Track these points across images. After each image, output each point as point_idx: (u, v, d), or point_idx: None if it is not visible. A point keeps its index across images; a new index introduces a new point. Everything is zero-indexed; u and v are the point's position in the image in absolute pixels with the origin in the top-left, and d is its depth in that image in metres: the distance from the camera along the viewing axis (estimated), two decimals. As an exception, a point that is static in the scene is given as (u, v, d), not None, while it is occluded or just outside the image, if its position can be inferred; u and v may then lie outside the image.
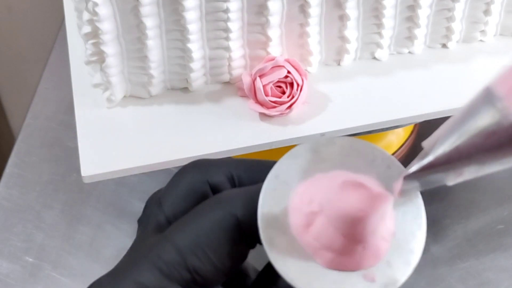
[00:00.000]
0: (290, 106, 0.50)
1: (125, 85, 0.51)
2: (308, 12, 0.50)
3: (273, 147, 0.49)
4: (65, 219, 0.63)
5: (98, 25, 0.47)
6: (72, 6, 0.53)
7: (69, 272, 0.60)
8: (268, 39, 0.50)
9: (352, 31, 0.52)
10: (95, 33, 0.48)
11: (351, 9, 0.51)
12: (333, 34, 0.52)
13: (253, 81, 0.50)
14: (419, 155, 0.30)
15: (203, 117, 0.51)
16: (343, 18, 0.51)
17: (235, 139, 0.49)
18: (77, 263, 0.61)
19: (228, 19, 0.49)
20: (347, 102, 0.52)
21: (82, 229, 0.63)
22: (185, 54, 0.50)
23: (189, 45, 0.49)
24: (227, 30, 0.49)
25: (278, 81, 0.50)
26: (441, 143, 0.29)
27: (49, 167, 0.67)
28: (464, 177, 0.30)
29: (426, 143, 0.30)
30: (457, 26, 0.54)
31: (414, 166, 0.30)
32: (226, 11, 0.48)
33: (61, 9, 0.58)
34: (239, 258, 0.32)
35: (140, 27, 0.48)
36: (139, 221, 0.35)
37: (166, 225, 0.33)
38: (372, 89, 0.52)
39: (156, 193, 0.35)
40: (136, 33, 0.49)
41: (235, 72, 0.52)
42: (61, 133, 0.70)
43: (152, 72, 0.50)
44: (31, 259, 0.61)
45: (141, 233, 0.34)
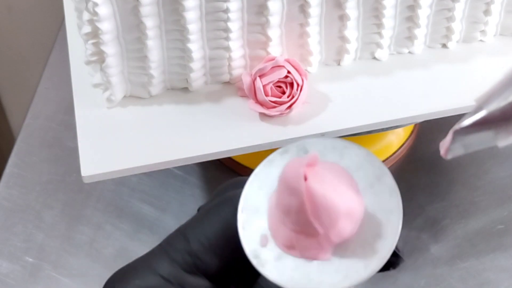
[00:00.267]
0: (290, 106, 0.50)
1: (125, 85, 0.51)
2: (308, 12, 0.50)
3: (273, 147, 0.49)
4: (65, 219, 0.63)
5: (98, 25, 0.47)
6: (72, 6, 0.53)
7: (69, 272, 0.60)
8: (268, 39, 0.50)
9: (352, 31, 0.52)
10: (95, 33, 0.48)
11: (351, 9, 0.51)
12: (333, 34, 0.52)
13: (253, 81, 0.50)
14: (471, 111, 0.29)
15: (203, 117, 0.51)
16: (343, 18, 0.51)
17: (235, 139, 0.49)
18: (77, 263, 0.61)
19: (228, 19, 0.49)
20: (347, 102, 0.52)
21: (82, 229, 0.63)
22: (185, 54, 0.50)
23: (189, 45, 0.49)
24: (227, 30, 0.49)
25: (278, 81, 0.50)
26: (495, 97, 0.28)
27: (49, 167, 0.67)
28: None
29: (478, 98, 0.29)
30: (457, 26, 0.54)
31: (466, 121, 0.29)
32: (226, 11, 0.48)
33: (61, 9, 0.58)
34: (241, 251, 0.34)
35: (140, 27, 0.48)
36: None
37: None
38: (372, 89, 0.52)
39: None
40: (136, 33, 0.49)
41: (235, 72, 0.52)
42: (61, 133, 0.70)
43: (152, 72, 0.50)
44: (31, 259, 0.61)
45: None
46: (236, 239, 0.33)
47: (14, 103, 1.06)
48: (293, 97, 0.50)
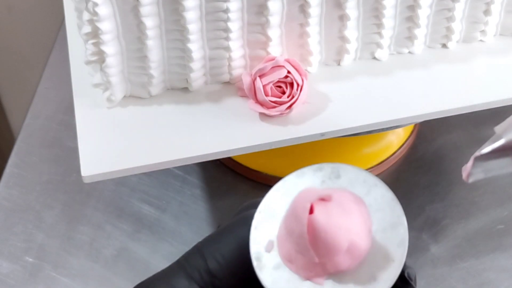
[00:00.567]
0: (290, 106, 0.50)
1: (125, 85, 0.51)
2: (308, 12, 0.50)
3: (273, 147, 0.49)
4: (65, 219, 0.63)
5: (98, 25, 0.47)
6: (72, 6, 0.53)
7: (69, 272, 0.60)
8: (268, 39, 0.50)
9: (352, 31, 0.52)
10: (95, 33, 0.48)
11: (351, 9, 0.51)
12: (333, 34, 0.52)
13: (253, 81, 0.50)
14: (490, 139, 0.31)
15: (203, 117, 0.51)
16: (343, 18, 0.51)
17: (235, 139, 0.49)
18: (77, 263, 0.61)
19: (228, 19, 0.49)
20: (347, 102, 0.52)
21: (82, 229, 0.63)
22: (185, 54, 0.50)
23: (189, 45, 0.49)
24: (227, 30, 0.49)
25: (278, 81, 0.50)
26: None
27: (49, 167, 0.67)
28: None
29: (498, 128, 0.31)
30: (457, 26, 0.54)
31: (486, 148, 0.31)
32: (226, 11, 0.48)
33: (61, 9, 0.58)
34: None
35: (140, 27, 0.48)
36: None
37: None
38: (372, 89, 0.52)
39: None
40: (136, 33, 0.49)
41: (235, 72, 0.52)
42: (61, 133, 0.70)
43: (152, 72, 0.50)
44: (31, 259, 0.61)
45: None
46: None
47: (14, 103, 1.06)
48: (293, 97, 0.50)
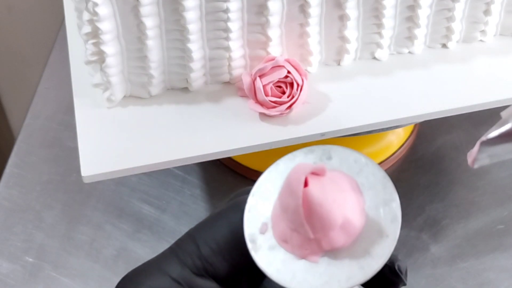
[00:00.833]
0: (290, 106, 0.50)
1: (125, 85, 0.51)
2: (308, 12, 0.50)
3: (273, 147, 0.49)
4: (65, 219, 0.63)
5: (98, 25, 0.47)
6: (72, 6, 0.53)
7: (69, 272, 0.60)
8: (268, 39, 0.50)
9: (352, 31, 0.52)
10: (95, 33, 0.48)
11: (351, 9, 0.51)
12: (333, 34, 0.52)
13: (253, 81, 0.50)
14: (497, 124, 0.31)
15: (203, 117, 0.51)
16: (343, 18, 0.51)
17: (235, 139, 0.49)
18: (77, 263, 0.61)
19: (228, 19, 0.49)
20: (347, 102, 0.52)
21: (82, 229, 0.63)
22: (185, 54, 0.50)
23: (189, 45, 0.49)
24: (227, 30, 0.49)
25: (278, 81, 0.50)
26: None
27: (49, 167, 0.67)
28: None
29: (504, 113, 0.31)
30: (457, 26, 0.54)
31: (493, 133, 0.31)
32: (226, 11, 0.48)
33: (61, 9, 0.58)
34: (251, 257, 0.35)
35: (140, 27, 0.48)
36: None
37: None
38: (372, 89, 0.52)
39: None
40: (136, 33, 0.49)
41: (235, 72, 0.52)
42: (61, 133, 0.70)
43: (152, 72, 0.50)
44: (31, 259, 0.61)
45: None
46: (245, 243, 0.34)
47: (14, 103, 1.06)
48: (293, 97, 0.50)
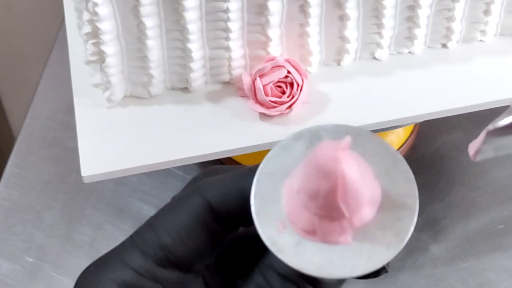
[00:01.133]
0: (290, 106, 0.50)
1: (125, 85, 0.51)
2: (308, 12, 0.50)
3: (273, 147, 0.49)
4: (65, 219, 0.63)
5: (98, 25, 0.47)
6: (72, 6, 0.53)
7: (69, 272, 0.60)
8: (268, 39, 0.50)
9: (352, 31, 0.52)
10: (95, 33, 0.48)
11: (351, 9, 0.51)
12: (333, 34, 0.52)
13: (253, 81, 0.50)
14: (506, 112, 0.27)
15: (203, 117, 0.51)
16: (343, 18, 0.51)
17: (235, 139, 0.49)
18: (77, 263, 0.61)
19: (228, 19, 0.49)
20: (347, 102, 0.52)
21: (82, 229, 0.63)
22: (185, 54, 0.50)
23: (189, 45, 0.49)
24: (227, 30, 0.49)
25: (278, 81, 0.50)
26: None
27: (49, 167, 0.67)
28: None
29: None
30: (457, 26, 0.54)
31: (502, 121, 0.27)
32: (226, 11, 0.48)
33: (61, 9, 0.58)
34: (214, 241, 0.34)
35: (140, 27, 0.48)
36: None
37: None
38: (372, 89, 0.52)
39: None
40: (136, 33, 0.49)
41: (235, 72, 0.52)
42: (61, 133, 0.70)
43: (152, 72, 0.50)
44: (31, 259, 0.61)
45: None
46: (208, 230, 0.33)
47: (14, 103, 1.06)
48: (293, 97, 0.50)
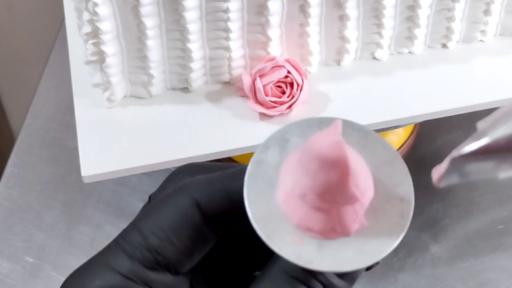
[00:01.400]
0: (290, 106, 0.50)
1: (125, 85, 0.51)
2: (308, 12, 0.50)
3: (273, 147, 0.49)
4: (65, 219, 0.63)
5: (98, 25, 0.47)
6: (72, 6, 0.53)
7: (69, 272, 0.60)
8: (268, 39, 0.50)
9: (352, 31, 0.52)
10: (95, 33, 0.48)
11: (351, 9, 0.51)
12: (333, 34, 0.52)
13: (253, 81, 0.50)
14: (472, 137, 0.26)
15: (203, 117, 0.51)
16: (343, 18, 0.51)
17: (235, 139, 0.49)
18: (77, 263, 0.60)
19: (228, 19, 0.49)
20: (347, 102, 0.52)
21: (82, 229, 0.63)
22: (185, 54, 0.50)
23: (189, 45, 0.49)
24: (227, 30, 0.49)
25: (278, 81, 0.50)
26: (501, 124, 0.25)
27: (49, 167, 0.67)
28: None
29: (481, 124, 0.26)
30: (457, 26, 0.54)
31: (467, 147, 0.26)
32: (226, 11, 0.48)
33: (61, 9, 0.58)
34: (202, 241, 0.33)
35: (140, 27, 0.48)
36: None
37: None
38: (372, 89, 0.52)
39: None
40: (136, 33, 0.49)
41: (235, 72, 0.52)
42: (61, 133, 0.70)
43: (152, 72, 0.50)
44: (31, 259, 0.61)
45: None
46: (196, 229, 0.32)
47: (14, 103, 1.06)
48: (293, 97, 0.50)
